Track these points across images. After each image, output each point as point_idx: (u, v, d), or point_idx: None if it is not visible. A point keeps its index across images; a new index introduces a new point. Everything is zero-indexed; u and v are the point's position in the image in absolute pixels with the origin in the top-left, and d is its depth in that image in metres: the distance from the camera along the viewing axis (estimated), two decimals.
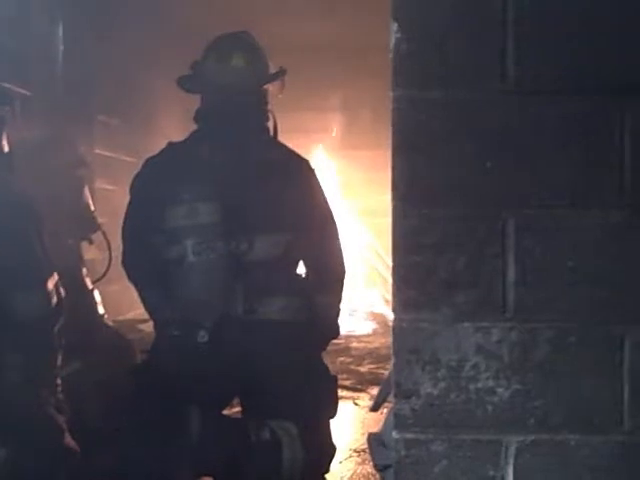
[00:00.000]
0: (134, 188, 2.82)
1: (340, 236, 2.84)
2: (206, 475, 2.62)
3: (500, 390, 1.37)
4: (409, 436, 1.40)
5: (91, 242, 4.19)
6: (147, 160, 2.86)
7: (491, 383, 1.37)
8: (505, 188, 1.38)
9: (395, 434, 1.41)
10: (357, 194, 8.47)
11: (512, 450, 1.37)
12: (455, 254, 1.38)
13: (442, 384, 1.39)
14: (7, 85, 3.12)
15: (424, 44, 1.40)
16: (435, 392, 1.39)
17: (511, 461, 1.37)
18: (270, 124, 2.81)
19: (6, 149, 2.67)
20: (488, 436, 1.37)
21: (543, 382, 1.36)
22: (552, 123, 1.37)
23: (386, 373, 4.72)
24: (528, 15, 1.37)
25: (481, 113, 1.38)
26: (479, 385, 1.38)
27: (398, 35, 1.40)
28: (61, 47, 5.69)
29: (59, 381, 2.76)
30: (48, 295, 2.62)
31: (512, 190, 1.38)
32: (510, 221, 1.37)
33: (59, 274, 2.78)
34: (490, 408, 1.37)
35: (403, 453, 1.40)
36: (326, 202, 2.81)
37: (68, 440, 2.71)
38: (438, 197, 1.39)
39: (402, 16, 1.40)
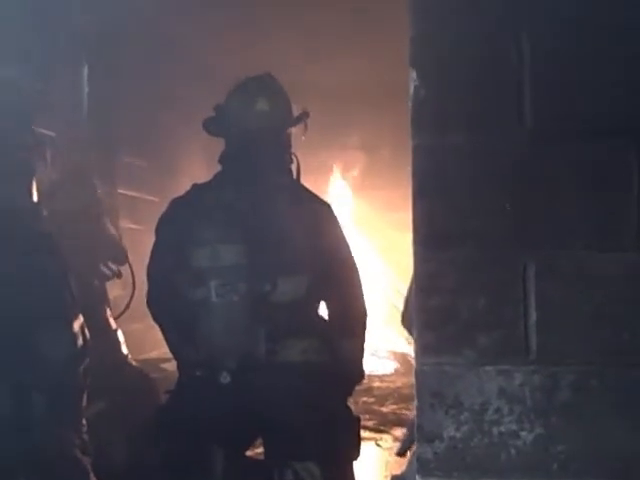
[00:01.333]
0: (159, 229, 2.86)
1: (361, 278, 2.84)
2: None
3: (524, 434, 1.37)
4: None
5: (119, 276, 4.24)
6: (172, 201, 2.90)
7: (514, 427, 1.37)
8: (524, 232, 1.39)
9: (418, 478, 1.41)
10: (377, 232, 8.49)
11: None
12: (476, 297, 1.39)
13: (465, 427, 1.39)
14: (38, 130, 3.19)
15: (442, 91, 1.43)
16: (458, 435, 1.40)
17: None
18: (293, 166, 2.85)
19: (35, 199, 2.74)
20: None
21: (566, 426, 1.36)
22: (569, 167, 1.39)
23: (409, 414, 4.69)
24: (544, 61, 1.39)
25: (499, 158, 1.40)
26: (502, 429, 1.38)
27: (416, 82, 1.43)
28: (86, 89, 5.81)
29: (84, 422, 2.77)
30: (74, 336, 2.66)
31: (531, 233, 1.39)
32: (530, 264, 1.38)
33: (84, 314, 2.82)
34: (514, 452, 1.37)
35: None
36: (347, 245, 2.83)
37: None
38: (458, 241, 1.40)
39: (420, 64, 1.43)
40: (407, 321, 2.32)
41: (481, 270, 1.38)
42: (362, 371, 2.82)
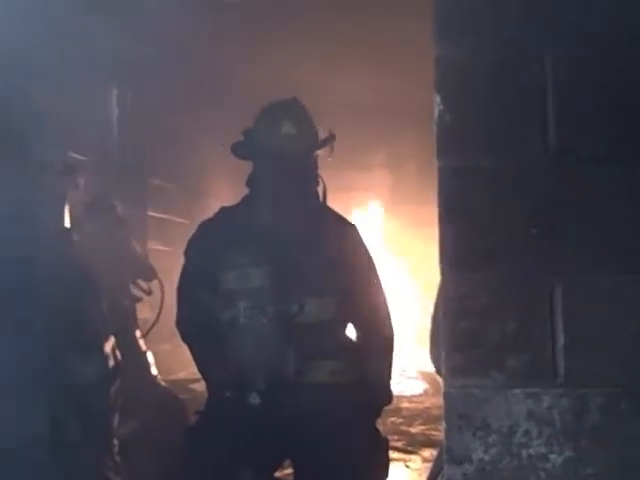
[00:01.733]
0: (189, 251, 2.89)
1: (387, 300, 2.85)
2: None
3: (553, 457, 1.37)
4: None
5: (149, 292, 4.28)
6: (201, 224, 2.94)
7: (543, 449, 1.37)
8: (551, 253, 1.40)
9: None
10: (404, 250, 8.48)
11: None
12: (504, 320, 1.39)
13: (493, 450, 1.39)
14: (72, 156, 3.25)
15: (466, 114, 1.44)
16: (487, 458, 1.40)
17: None
18: (319, 188, 2.87)
19: (67, 225, 2.79)
20: None
21: (596, 449, 1.35)
22: (593, 188, 1.39)
23: (438, 435, 4.66)
24: (567, 83, 1.40)
25: (524, 180, 1.41)
26: (531, 451, 1.38)
27: (441, 107, 1.45)
28: (115, 112, 5.90)
29: (116, 442, 2.80)
30: (105, 358, 2.70)
31: (558, 255, 1.40)
32: (557, 286, 1.38)
33: (115, 336, 2.86)
34: (543, 475, 1.37)
35: None
36: (373, 266, 2.84)
37: None
38: (485, 263, 1.41)
39: (444, 88, 1.45)
40: (434, 354, 2.31)
41: (508, 292, 1.39)
42: (390, 393, 2.82)
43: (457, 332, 1.41)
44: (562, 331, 1.37)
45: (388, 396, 2.82)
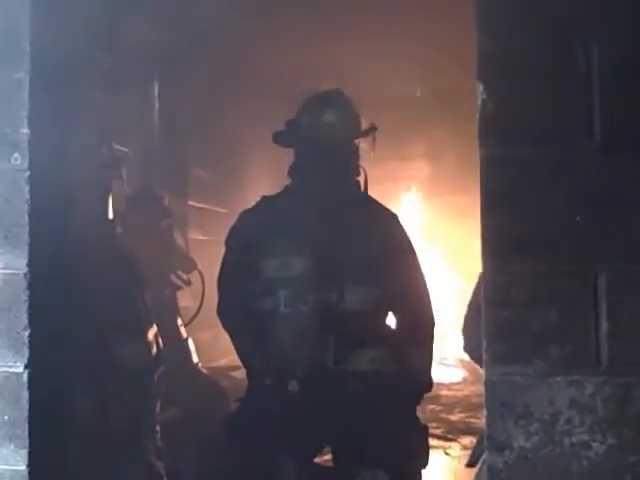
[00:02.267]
0: (230, 240, 2.92)
1: (428, 288, 2.85)
2: None
3: (595, 445, 1.37)
4: None
5: (188, 283, 4.32)
6: (242, 213, 2.96)
7: (586, 437, 1.38)
8: (595, 243, 1.40)
9: None
10: (444, 240, 8.44)
11: None
12: (547, 308, 1.40)
13: (535, 438, 1.40)
14: (117, 148, 3.30)
15: (510, 104, 1.44)
16: (528, 445, 1.40)
17: None
18: (361, 178, 2.88)
19: (110, 216, 2.84)
20: None
21: (638, 437, 1.35)
22: (639, 177, 1.38)
23: (478, 423, 4.65)
24: (612, 73, 1.40)
25: (568, 169, 1.41)
26: (574, 439, 1.38)
27: (484, 96, 1.45)
28: (157, 104, 5.96)
29: (158, 428, 2.85)
30: (148, 345, 2.75)
31: (602, 245, 1.39)
32: (601, 275, 1.38)
33: (157, 324, 2.91)
34: (585, 463, 1.37)
35: None
36: (414, 255, 2.84)
37: None
38: (528, 252, 1.42)
39: (488, 77, 1.45)
40: (471, 344, 2.30)
41: (552, 281, 1.39)
42: (430, 380, 2.83)
43: (499, 321, 1.42)
44: (605, 319, 1.37)
45: (428, 383, 2.83)
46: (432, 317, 2.81)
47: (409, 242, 2.85)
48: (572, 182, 1.39)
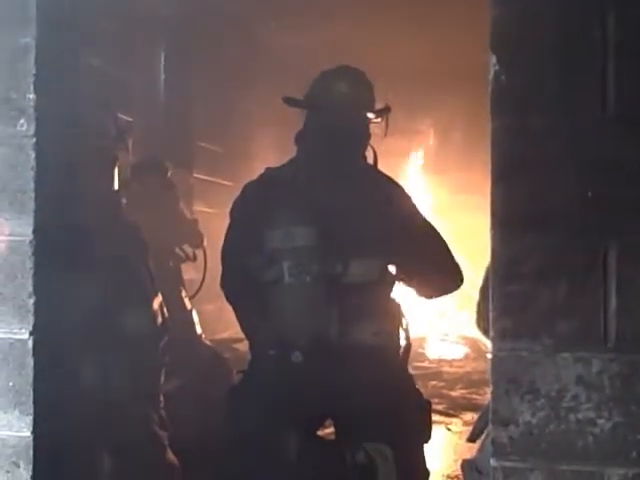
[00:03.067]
0: (234, 212, 2.91)
1: (449, 248, 2.85)
2: None
3: (601, 421, 1.37)
4: (507, 464, 1.41)
5: (194, 259, 4.32)
6: (246, 185, 2.95)
7: (592, 414, 1.37)
8: (606, 216, 1.38)
9: (493, 462, 1.42)
10: (449, 215, 8.42)
11: None
12: (555, 283, 1.38)
13: (541, 413, 1.40)
14: (123, 118, 3.27)
15: (523, 75, 1.42)
16: (534, 421, 1.40)
17: None
18: (369, 153, 2.87)
19: (116, 187, 2.82)
20: (589, 467, 1.37)
21: None
22: None
23: (479, 399, 4.67)
24: (628, 45, 1.37)
25: (581, 142, 1.39)
26: (579, 416, 1.38)
27: (497, 67, 1.43)
28: (162, 75, 5.92)
29: (162, 398, 2.86)
30: (154, 314, 2.75)
31: (613, 219, 1.38)
32: (612, 250, 1.37)
33: (161, 294, 2.91)
34: (591, 439, 1.37)
35: None
36: (424, 219, 2.83)
37: (169, 456, 2.81)
38: (538, 226, 1.40)
39: (501, 48, 1.43)
40: (483, 322, 2.30)
41: (561, 255, 1.38)
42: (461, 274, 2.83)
43: (507, 295, 1.41)
44: (615, 296, 1.36)
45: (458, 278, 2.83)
46: (459, 270, 2.81)
47: (416, 209, 2.84)
48: (585, 154, 1.37)
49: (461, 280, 2.84)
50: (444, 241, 2.83)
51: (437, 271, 2.80)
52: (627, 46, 1.37)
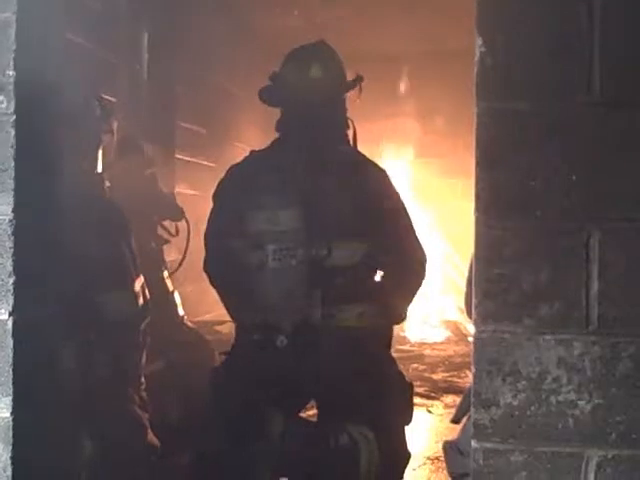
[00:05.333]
0: (217, 195, 2.89)
1: (420, 241, 2.85)
2: (284, 476, 2.67)
3: (582, 403, 1.37)
4: (488, 446, 1.42)
5: (176, 233, 4.28)
6: (230, 168, 2.93)
7: (573, 396, 1.38)
8: (589, 200, 1.38)
9: (474, 443, 1.43)
10: (432, 201, 8.44)
11: (593, 464, 1.37)
12: (538, 266, 1.39)
13: (522, 395, 1.40)
14: (107, 99, 3.23)
15: (508, 58, 1.42)
16: (515, 403, 1.41)
17: (592, 476, 1.37)
18: (350, 132, 2.86)
19: (99, 169, 2.80)
20: (569, 449, 1.38)
21: (626, 397, 1.36)
22: (637, 135, 1.37)
23: (460, 382, 4.70)
24: (614, 28, 1.37)
25: (566, 125, 1.39)
26: (560, 398, 1.38)
27: (483, 49, 1.42)
28: (145, 55, 5.86)
29: (143, 379, 2.86)
30: (135, 296, 2.73)
31: (596, 202, 1.38)
32: (594, 234, 1.37)
33: (143, 276, 2.89)
34: (571, 421, 1.38)
35: (482, 462, 1.42)
36: (404, 208, 2.83)
37: (150, 437, 2.81)
38: (521, 209, 1.40)
39: (487, 31, 1.42)
40: (469, 306, 2.30)
41: (544, 239, 1.38)
42: (404, 314, 2.83)
43: (490, 278, 1.41)
44: (597, 279, 1.36)
45: (401, 316, 2.82)
46: (424, 253, 2.81)
47: (399, 196, 2.84)
48: (569, 138, 1.37)
49: (422, 277, 2.82)
50: (414, 234, 2.82)
51: (400, 265, 2.79)
52: (613, 29, 1.37)
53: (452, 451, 2.27)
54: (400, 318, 2.85)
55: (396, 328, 2.93)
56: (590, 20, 1.36)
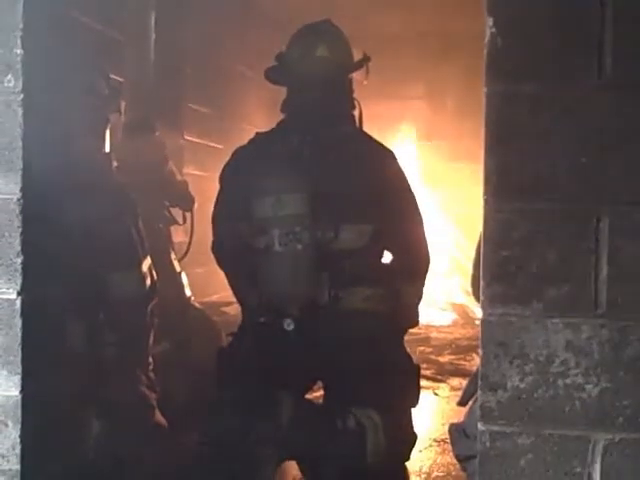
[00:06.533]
0: (224, 178, 2.89)
1: (424, 225, 2.84)
2: (291, 459, 2.68)
3: (589, 387, 1.37)
4: (495, 428, 1.42)
5: (183, 222, 4.29)
6: (236, 150, 2.92)
7: (580, 380, 1.38)
8: (599, 184, 1.37)
9: (480, 426, 1.43)
10: (439, 184, 8.41)
11: (600, 448, 1.37)
12: (547, 249, 1.38)
13: (530, 378, 1.40)
14: (115, 79, 3.21)
15: (520, 39, 1.40)
16: (522, 386, 1.41)
17: (598, 459, 1.37)
18: (356, 113, 2.84)
19: (107, 149, 2.79)
20: (576, 432, 1.38)
21: (633, 381, 1.35)
22: None
23: (467, 365, 4.70)
24: (626, 12, 1.35)
25: (577, 108, 1.38)
26: (568, 381, 1.38)
27: (493, 30, 1.41)
28: (153, 35, 5.83)
29: (150, 360, 2.87)
30: (143, 276, 2.74)
31: (606, 186, 1.37)
32: (604, 217, 1.37)
33: (150, 257, 2.89)
34: (578, 404, 1.38)
35: (488, 445, 1.42)
36: (411, 192, 2.82)
37: (157, 417, 2.82)
38: (531, 192, 1.39)
39: (498, 11, 1.41)
40: (476, 288, 2.29)
41: (553, 222, 1.37)
42: (417, 316, 2.84)
43: (498, 261, 1.41)
44: (606, 262, 1.36)
45: (415, 319, 2.84)
46: (428, 253, 2.81)
47: (405, 179, 2.82)
48: (578, 121, 1.36)
49: (426, 259, 2.81)
50: (421, 218, 2.81)
51: (404, 246, 2.78)
52: (625, 13, 1.35)
53: (458, 434, 2.27)
54: (414, 318, 2.83)
55: None
56: (602, 3, 1.34)
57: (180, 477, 2.61)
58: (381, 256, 2.83)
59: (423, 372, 3.86)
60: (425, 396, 3.76)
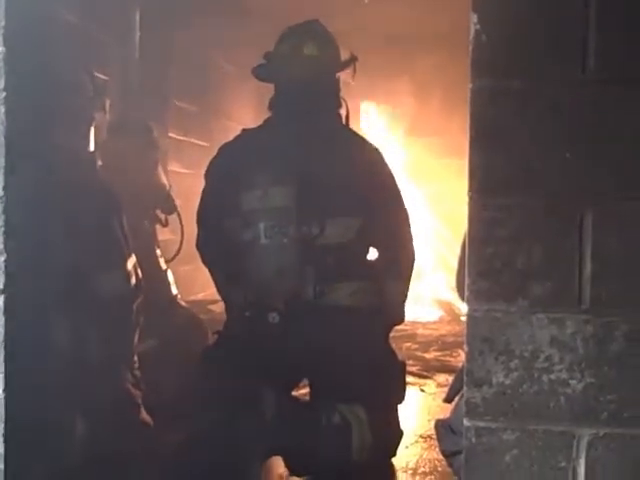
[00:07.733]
0: (209, 174, 2.89)
1: (410, 222, 2.86)
2: (276, 455, 2.68)
3: (574, 382, 1.38)
4: (480, 424, 1.42)
5: (165, 224, 4.27)
6: (222, 146, 2.92)
7: (565, 375, 1.38)
8: (583, 180, 1.38)
9: (466, 422, 1.44)
10: (425, 180, 8.42)
11: (584, 443, 1.38)
12: (531, 245, 1.39)
13: (515, 374, 1.41)
14: (99, 77, 3.19)
15: (504, 35, 1.40)
16: (507, 382, 1.41)
17: (583, 454, 1.38)
18: (342, 111, 2.85)
19: (92, 148, 2.78)
20: (560, 427, 1.38)
21: (617, 376, 1.36)
22: (633, 114, 1.36)
23: (453, 361, 4.71)
24: (611, 6, 1.36)
25: (561, 104, 1.38)
26: (552, 377, 1.39)
27: (478, 27, 1.41)
28: (138, 33, 5.80)
29: (136, 358, 2.86)
30: (128, 275, 2.73)
31: (590, 182, 1.38)
32: (588, 213, 1.37)
33: (135, 255, 2.88)
34: (563, 400, 1.38)
35: (474, 440, 1.42)
36: (397, 188, 2.83)
37: (143, 415, 2.81)
38: (515, 188, 1.40)
39: (482, 7, 1.41)
40: (461, 285, 2.30)
41: (538, 218, 1.38)
42: (403, 313, 2.85)
43: (483, 257, 1.41)
44: (590, 258, 1.36)
45: (401, 316, 2.85)
46: (413, 249, 2.82)
47: (391, 175, 2.84)
48: (563, 117, 1.36)
49: (411, 257, 2.82)
50: (407, 214, 2.83)
51: (390, 242, 2.79)
52: (609, 7, 1.35)
53: (444, 429, 2.28)
54: (399, 315, 2.84)
55: None
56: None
57: (165, 475, 2.60)
58: (367, 252, 2.84)
59: (409, 368, 3.87)
60: (411, 392, 3.77)
